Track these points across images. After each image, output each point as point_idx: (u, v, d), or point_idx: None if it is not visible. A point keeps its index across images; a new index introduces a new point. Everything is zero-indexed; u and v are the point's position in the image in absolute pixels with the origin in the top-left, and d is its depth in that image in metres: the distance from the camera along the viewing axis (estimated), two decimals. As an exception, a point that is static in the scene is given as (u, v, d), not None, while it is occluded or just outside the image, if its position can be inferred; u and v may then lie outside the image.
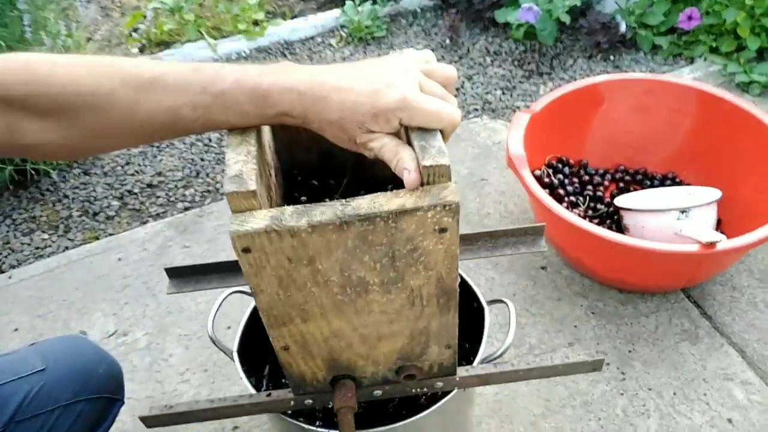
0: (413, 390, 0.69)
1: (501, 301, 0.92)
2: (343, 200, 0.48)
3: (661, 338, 1.16)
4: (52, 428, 0.74)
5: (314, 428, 0.76)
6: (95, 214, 1.56)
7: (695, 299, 1.22)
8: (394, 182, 0.54)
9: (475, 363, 0.82)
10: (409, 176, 0.48)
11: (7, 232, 1.52)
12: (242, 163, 0.50)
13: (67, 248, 1.47)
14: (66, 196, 1.60)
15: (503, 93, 1.80)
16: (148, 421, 0.67)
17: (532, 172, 1.32)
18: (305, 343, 0.59)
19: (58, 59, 0.51)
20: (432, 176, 0.48)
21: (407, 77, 0.50)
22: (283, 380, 0.90)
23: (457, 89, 1.83)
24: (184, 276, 0.81)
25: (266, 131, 0.63)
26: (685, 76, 1.78)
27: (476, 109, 1.76)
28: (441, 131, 0.51)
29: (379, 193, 0.48)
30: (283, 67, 0.50)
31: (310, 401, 0.69)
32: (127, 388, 1.15)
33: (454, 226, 0.48)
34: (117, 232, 1.50)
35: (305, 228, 0.47)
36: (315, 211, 0.47)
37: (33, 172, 1.59)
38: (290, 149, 0.69)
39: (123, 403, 0.86)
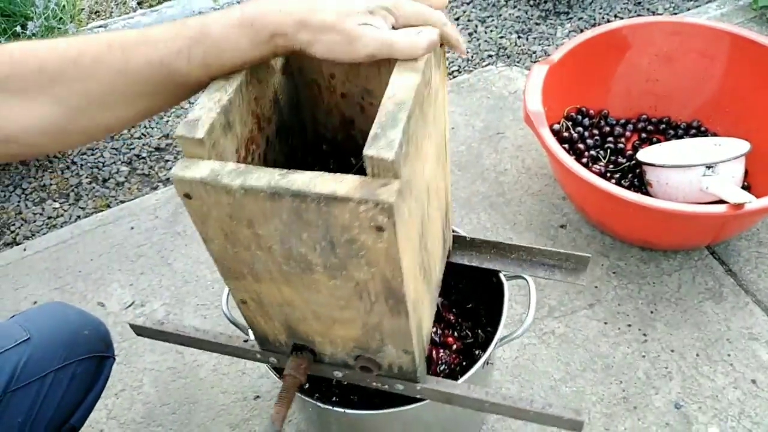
0: (374, 384, 0.68)
1: (521, 277, 0.90)
2: (284, 170, 0.47)
3: (684, 297, 1.14)
4: (48, 393, 0.76)
5: (330, 407, 0.76)
6: (105, 180, 1.54)
7: (720, 256, 1.19)
8: None
9: (493, 343, 0.80)
10: (422, 40, 0.48)
11: (18, 202, 1.51)
12: (206, 110, 0.49)
13: (79, 217, 1.46)
14: (74, 163, 1.58)
15: (519, 37, 1.72)
16: (138, 329, 0.75)
17: (551, 126, 1.27)
18: (261, 303, 0.60)
19: (31, 41, 0.50)
20: (376, 169, 0.45)
21: None
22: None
23: (470, 34, 1.75)
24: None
25: (274, 83, 0.60)
26: (712, 12, 1.68)
27: (491, 56, 1.68)
28: (442, 38, 0.52)
29: (326, 173, 0.46)
30: None
31: (275, 360, 0.71)
32: (148, 359, 1.17)
33: (392, 228, 0.45)
34: (128, 199, 1.48)
35: (238, 189, 0.46)
36: (252, 175, 0.47)
37: (39, 139, 1.56)
38: (313, 109, 0.68)
39: (114, 359, 0.88)
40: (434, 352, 0.87)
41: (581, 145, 1.29)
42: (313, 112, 0.68)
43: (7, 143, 0.51)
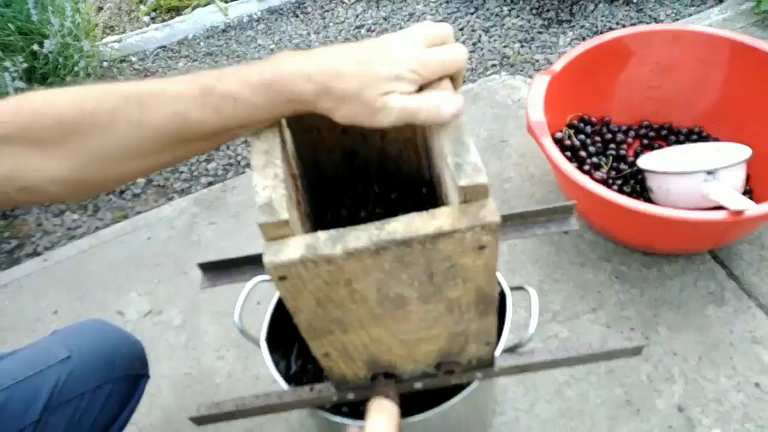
0: (453, 381, 0.70)
1: (523, 288, 0.93)
2: (378, 223, 0.47)
3: (686, 301, 1.16)
4: (85, 411, 0.78)
5: (340, 419, 0.79)
6: (122, 192, 1.59)
7: (722, 260, 1.21)
8: (421, 179, 0.53)
9: (497, 353, 0.83)
10: (448, 108, 0.48)
11: (39, 213, 1.56)
12: (271, 189, 0.49)
13: (97, 228, 1.51)
14: (91, 175, 1.63)
15: (522, 46, 1.75)
16: (198, 420, 0.70)
17: (553, 135, 1.30)
18: (345, 350, 0.60)
19: (53, 90, 0.50)
20: (469, 195, 0.46)
21: (411, 40, 0.51)
22: (311, 363, 0.93)
23: (474, 44, 1.78)
24: (217, 269, 0.83)
25: (288, 140, 0.62)
26: (714, 17, 1.70)
27: (494, 65, 1.71)
28: (452, 77, 0.52)
29: (414, 214, 0.47)
30: (283, 56, 0.50)
31: (352, 395, 0.71)
32: (166, 366, 1.21)
33: (494, 243, 0.47)
34: (144, 210, 1.53)
35: (341, 255, 0.46)
36: (350, 237, 0.46)
37: (57, 153, 1.61)
38: (313, 152, 0.69)
39: (149, 377, 0.91)
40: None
41: (583, 153, 1.32)
42: (313, 155, 0.68)
43: (24, 192, 0.52)
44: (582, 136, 1.35)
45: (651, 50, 1.34)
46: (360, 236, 0.46)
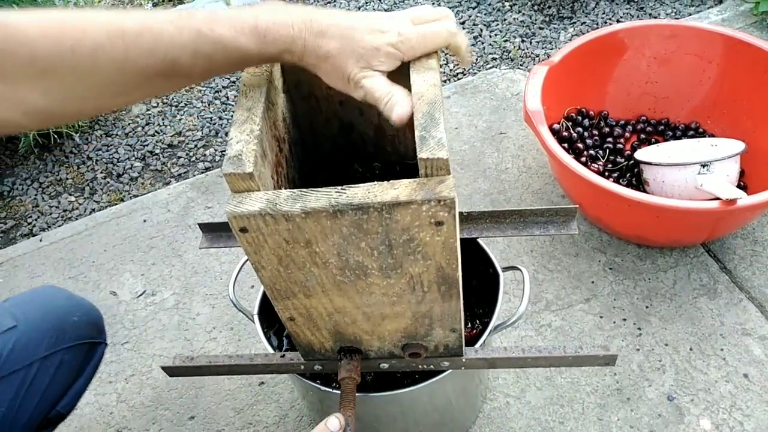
0: (420, 366, 0.71)
1: (516, 268, 0.93)
2: (340, 187, 0.48)
3: (679, 293, 1.16)
4: (33, 382, 0.74)
5: (329, 389, 0.79)
6: (119, 175, 1.59)
7: (715, 253, 1.21)
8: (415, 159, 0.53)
9: (487, 331, 0.83)
10: (400, 109, 0.50)
11: (35, 195, 1.56)
12: (243, 143, 0.50)
13: (93, 210, 1.51)
14: (90, 158, 1.63)
15: (522, 40, 1.75)
16: (170, 370, 0.73)
17: (551, 126, 1.31)
18: (310, 316, 0.61)
19: (15, 16, 0.44)
20: (430, 169, 0.47)
21: (398, 18, 0.52)
22: None
23: (475, 38, 1.79)
24: (215, 232, 0.83)
25: (281, 105, 0.63)
26: (713, 17, 1.71)
27: (494, 59, 1.72)
28: (450, 48, 0.53)
29: (376, 182, 0.48)
30: (276, 6, 0.50)
31: (320, 367, 0.72)
32: (158, 346, 1.21)
33: (451, 220, 0.48)
34: (141, 194, 1.53)
35: (299, 213, 0.47)
36: (309, 197, 0.48)
37: (56, 135, 1.61)
38: (311, 120, 0.70)
39: (106, 345, 0.86)
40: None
41: (580, 145, 1.32)
42: (311, 124, 0.69)
43: None
44: (579, 129, 1.35)
45: (648, 45, 1.35)
46: (320, 198, 0.47)
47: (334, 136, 0.72)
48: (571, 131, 1.33)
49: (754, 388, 1.03)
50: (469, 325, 0.94)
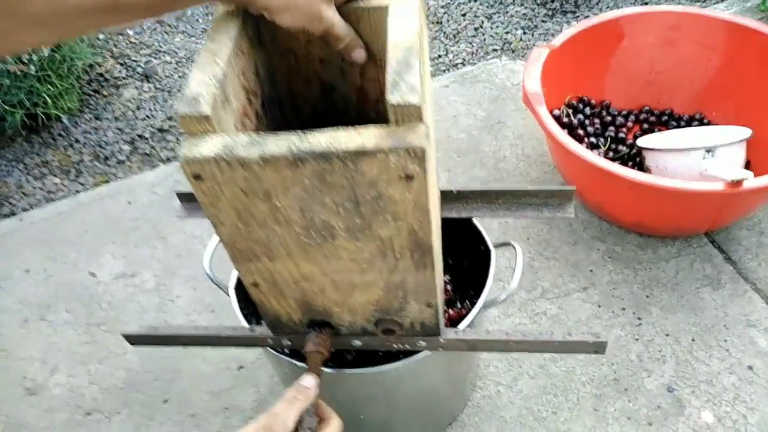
0: (395, 345, 0.66)
1: (509, 244, 0.88)
2: (302, 133, 0.44)
3: (681, 283, 1.11)
4: None
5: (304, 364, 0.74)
6: (106, 158, 1.55)
7: (719, 244, 1.16)
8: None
9: (476, 308, 0.79)
10: (361, 53, 0.50)
11: (20, 176, 1.52)
12: (203, 85, 0.46)
13: (78, 192, 1.46)
14: (77, 141, 1.59)
15: (524, 32, 1.72)
16: (132, 339, 0.68)
17: (551, 111, 1.26)
18: (275, 282, 0.57)
19: None
20: (400, 116, 0.42)
21: None
22: None
23: (476, 29, 1.75)
24: (195, 201, 0.79)
25: (253, 56, 0.58)
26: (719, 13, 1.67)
27: (495, 50, 1.68)
28: None
29: (342, 129, 0.43)
30: None
31: (289, 342, 0.67)
32: (134, 328, 1.15)
33: (422, 175, 0.43)
34: (128, 177, 1.49)
35: (257, 160, 0.43)
36: (269, 142, 0.44)
37: (44, 117, 1.58)
38: (290, 80, 0.65)
39: None
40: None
41: (581, 131, 1.28)
42: (289, 84, 0.65)
43: None
44: (581, 116, 1.31)
45: (651, 32, 1.31)
46: (280, 144, 0.43)
47: (314, 98, 0.67)
48: (572, 118, 1.29)
49: (759, 380, 0.97)
50: (458, 305, 0.89)
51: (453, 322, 0.87)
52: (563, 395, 0.99)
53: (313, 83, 0.65)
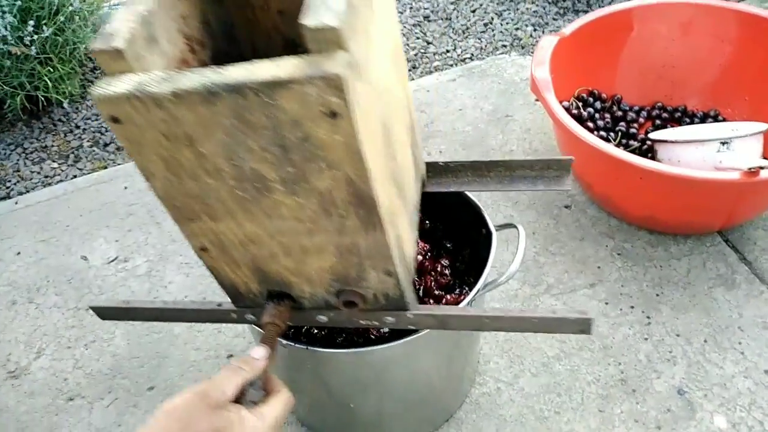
0: (362, 321, 0.62)
1: (511, 226, 0.84)
2: (219, 66, 0.40)
3: (693, 282, 1.06)
4: None
5: (293, 344, 0.70)
6: (106, 144, 1.52)
7: (734, 243, 1.11)
8: None
9: (476, 288, 0.74)
10: None
11: (18, 160, 1.49)
12: (124, 22, 0.43)
13: (75, 176, 1.44)
14: (78, 127, 1.57)
15: (534, 29, 1.68)
16: (99, 311, 0.65)
17: (560, 102, 1.22)
18: (222, 245, 0.53)
19: None
20: (321, 43, 0.38)
21: None
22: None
23: (485, 25, 1.72)
24: None
25: (199, 4, 0.54)
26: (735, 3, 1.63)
27: (504, 46, 1.65)
28: None
29: (261, 61, 0.40)
30: None
31: (252, 317, 0.64)
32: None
33: (347, 112, 0.39)
34: (126, 162, 1.46)
35: (169, 97, 0.40)
36: (182, 77, 0.40)
37: (44, 101, 1.56)
38: (251, 35, 0.61)
39: None
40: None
41: (590, 124, 1.23)
42: (251, 40, 0.61)
43: None
44: (590, 110, 1.27)
45: (664, 24, 1.27)
46: (193, 78, 0.40)
47: (278, 56, 0.64)
48: (581, 110, 1.25)
49: (776, 385, 0.92)
50: (457, 291, 0.85)
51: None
52: (567, 395, 0.94)
53: (275, 39, 0.61)
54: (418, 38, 1.72)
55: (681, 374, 0.95)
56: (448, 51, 1.66)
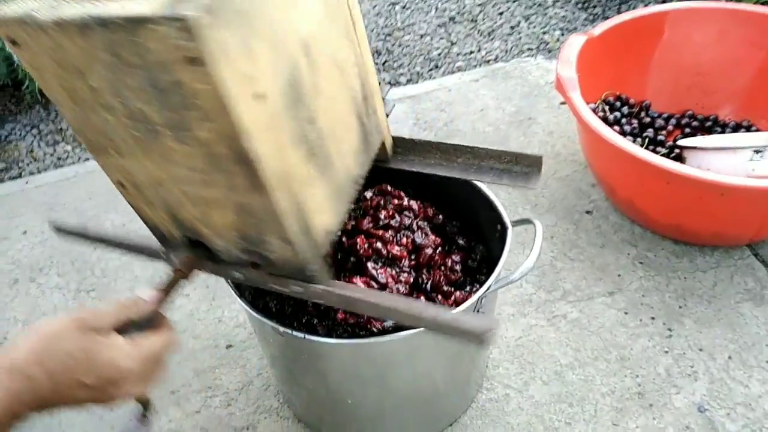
0: (272, 285, 0.60)
1: (528, 222, 0.80)
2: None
3: (719, 296, 1.00)
4: None
5: (300, 334, 0.67)
6: (120, 130, 1.51)
7: (763, 258, 1.05)
8: None
9: (487, 283, 0.70)
10: None
11: (32, 141, 1.48)
12: None
13: (87, 159, 1.42)
14: (94, 112, 1.56)
15: (563, 34, 1.64)
16: (59, 228, 0.70)
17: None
18: (136, 184, 0.55)
19: None
20: None
21: None
22: (290, 305, 0.80)
23: (512, 27, 1.68)
24: None
25: None
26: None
27: (530, 49, 1.61)
28: None
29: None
30: None
31: (176, 261, 0.63)
32: (126, 297, 1.09)
33: (206, 59, 0.38)
34: (139, 149, 1.44)
35: (51, 25, 0.41)
36: (66, 6, 0.41)
37: (63, 84, 1.55)
38: None
39: None
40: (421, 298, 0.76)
41: (617, 128, 1.19)
42: None
43: None
44: (617, 114, 1.22)
45: (699, 30, 1.22)
46: (74, 8, 0.41)
47: None
48: (607, 113, 1.20)
49: (806, 408, 0.86)
50: (468, 289, 0.80)
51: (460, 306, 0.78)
52: (579, 405, 0.89)
53: None
54: (442, 38, 1.69)
55: (702, 391, 0.89)
56: (472, 52, 1.62)
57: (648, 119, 1.25)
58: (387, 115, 0.74)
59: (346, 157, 0.61)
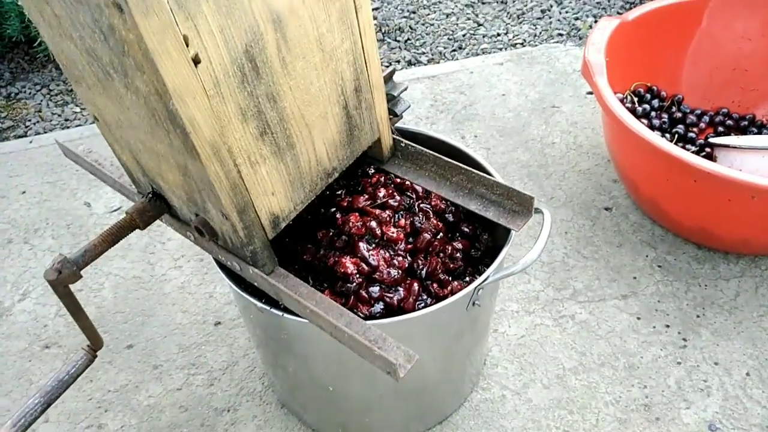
0: (219, 256, 0.60)
1: (537, 211, 0.74)
2: None
3: (741, 307, 0.93)
4: None
5: (278, 311, 0.62)
6: (131, 94, 1.47)
7: (794, 270, 0.98)
8: None
9: (486, 273, 0.65)
10: None
11: (41, 101, 1.46)
12: None
13: (93, 122, 1.39)
14: (106, 74, 1.52)
15: (595, 20, 1.56)
16: (65, 149, 0.76)
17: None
18: (105, 120, 0.54)
19: None
20: None
21: None
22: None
23: (543, 11, 1.60)
24: None
25: None
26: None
27: (560, 35, 1.53)
28: None
29: None
30: None
31: (143, 200, 0.63)
32: (117, 265, 1.06)
33: (130, 7, 0.37)
34: (148, 115, 1.41)
35: None
36: None
37: (76, 44, 1.52)
38: None
39: None
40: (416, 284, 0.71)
41: (644, 121, 1.11)
42: None
43: None
44: (647, 107, 1.14)
45: (741, 20, 1.13)
46: None
47: None
48: (636, 105, 1.12)
49: (828, 435, 0.79)
50: (467, 279, 0.75)
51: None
52: (580, 413, 0.83)
53: None
54: (468, 19, 1.62)
55: (715, 408, 0.83)
56: (498, 35, 1.55)
57: (679, 114, 1.17)
58: (397, 115, 0.70)
59: (317, 145, 0.59)
